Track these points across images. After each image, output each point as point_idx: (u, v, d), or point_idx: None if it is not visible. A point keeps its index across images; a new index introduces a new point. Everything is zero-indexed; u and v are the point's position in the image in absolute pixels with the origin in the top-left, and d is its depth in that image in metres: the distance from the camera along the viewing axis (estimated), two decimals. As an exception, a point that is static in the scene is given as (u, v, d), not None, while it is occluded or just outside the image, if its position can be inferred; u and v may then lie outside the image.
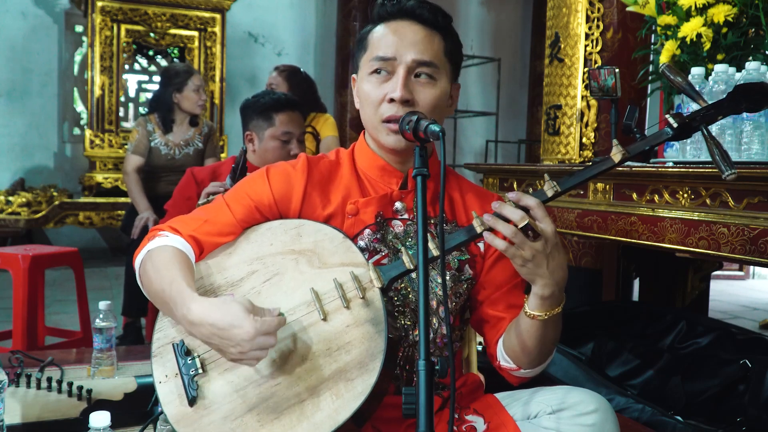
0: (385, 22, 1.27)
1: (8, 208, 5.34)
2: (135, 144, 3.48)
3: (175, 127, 3.50)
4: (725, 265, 5.61)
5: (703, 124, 1.19)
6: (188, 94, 3.44)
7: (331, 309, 1.15)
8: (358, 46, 1.32)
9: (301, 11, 7.12)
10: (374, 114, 1.25)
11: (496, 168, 2.78)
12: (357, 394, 1.08)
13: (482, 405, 1.29)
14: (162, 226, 1.27)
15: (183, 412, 1.13)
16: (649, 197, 1.94)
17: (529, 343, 1.20)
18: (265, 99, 2.35)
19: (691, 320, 2.41)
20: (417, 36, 1.24)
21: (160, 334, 1.21)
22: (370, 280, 1.15)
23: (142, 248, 1.24)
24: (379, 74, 1.24)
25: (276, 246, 1.22)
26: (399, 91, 1.21)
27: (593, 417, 1.15)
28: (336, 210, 1.27)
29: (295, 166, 1.31)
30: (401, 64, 1.23)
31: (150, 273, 1.18)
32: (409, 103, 1.23)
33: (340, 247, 1.20)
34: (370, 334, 1.12)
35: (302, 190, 1.27)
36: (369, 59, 1.26)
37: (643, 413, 1.87)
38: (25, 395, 1.67)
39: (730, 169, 1.15)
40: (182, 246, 1.21)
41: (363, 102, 1.28)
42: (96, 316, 1.93)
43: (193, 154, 3.52)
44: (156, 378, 1.18)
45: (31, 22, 6.15)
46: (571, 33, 2.81)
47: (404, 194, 1.30)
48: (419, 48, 1.23)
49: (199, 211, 1.30)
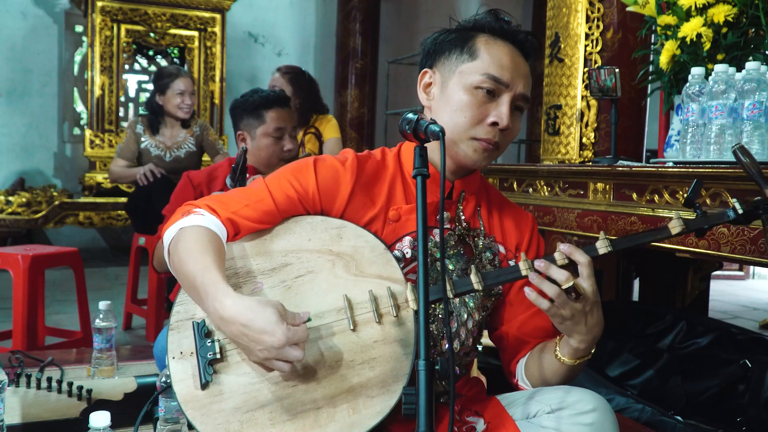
0: (493, 36, 1.25)
1: (8, 208, 5.34)
2: (122, 147, 3.48)
3: (165, 129, 3.48)
4: (725, 265, 5.61)
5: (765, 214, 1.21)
6: (170, 97, 3.41)
7: (361, 321, 1.12)
8: (456, 46, 1.26)
9: (301, 11, 7.12)
10: (466, 128, 1.23)
11: (496, 168, 2.78)
12: (375, 413, 1.06)
13: (482, 406, 1.29)
14: (198, 203, 1.22)
15: (193, 394, 1.10)
16: (649, 197, 1.94)
17: (553, 379, 1.24)
18: (254, 98, 2.35)
19: (691, 320, 2.41)
20: (525, 70, 1.26)
21: (180, 308, 1.17)
22: (406, 300, 1.13)
23: (173, 222, 1.19)
24: (485, 93, 1.22)
25: (314, 243, 1.19)
26: (506, 119, 1.21)
27: (592, 416, 1.15)
28: (378, 213, 1.25)
29: (344, 163, 1.27)
30: (511, 92, 1.23)
31: (182, 254, 1.13)
32: (506, 132, 1.24)
33: (380, 259, 1.17)
34: (398, 355, 1.10)
35: (350, 190, 1.24)
36: (480, 72, 1.22)
37: (643, 413, 1.87)
38: (25, 395, 1.67)
39: None
40: (217, 228, 1.17)
41: (455, 110, 1.23)
42: (96, 316, 1.93)
43: (185, 156, 3.49)
44: (170, 353, 1.14)
45: (31, 22, 6.15)
46: (571, 33, 2.80)
47: (449, 204, 1.29)
48: (526, 82, 1.25)
49: (238, 193, 1.25)
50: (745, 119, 1.80)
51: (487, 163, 1.25)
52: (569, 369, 1.20)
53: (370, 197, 1.26)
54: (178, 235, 1.16)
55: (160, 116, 3.47)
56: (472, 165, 1.25)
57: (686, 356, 2.32)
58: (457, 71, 1.25)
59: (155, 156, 3.44)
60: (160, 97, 3.42)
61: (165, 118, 3.47)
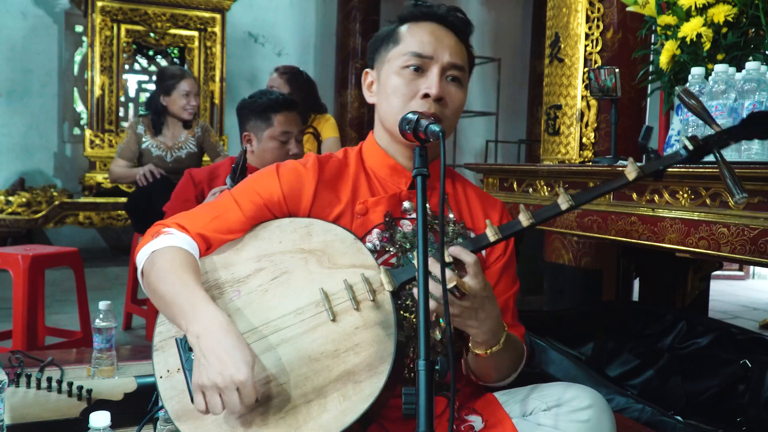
0: (415, 22, 1.29)
1: (8, 208, 5.34)
2: (122, 148, 3.47)
3: (167, 129, 3.48)
4: (725, 265, 5.61)
5: (717, 148, 1.22)
6: (176, 98, 3.41)
7: (340, 310, 1.14)
8: (384, 41, 1.32)
9: (301, 11, 7.12)
10: (402, 108, 1.25)
11: (496, 168, 2.78)
12: (365, 397, 1.07)
13: (480, 404, 1.30)
14: (168, 222, 1.24)
15: (185, 408, 1.11)
16: (649, 197, 1.94)
17: (482, 369, 1.25)
18: (262, 99, 2.34)
19: (691, 320, 2.41)
20: (451, 40, 1.28)
21: (162, 328, 1.19)
22: (380, 283, 1.14)
23: (144, 245, 1.20)
24: (412, 70, 1.25)
25: (285, 244, 1.21)
26: (435, 87, 1.23)
27: (588, 412, 1.15)
28: (345, 209, 1.27)
29: (305, 164, 1.30)
30: (437, 63, 1.25)
31: (156, 275, 1.15)
32: (442, 102, 1.25)
33: (351, 248, 1.19)
34: (380, 337, 1.11)
35: (313, 189, 1.27)
36: (402, 53, 1.26)
37: (643, 413, 1.87)
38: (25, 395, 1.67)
39: (742, 193, 1.18)
40: (189, 246, 1.19)
41: (389, 95, 1.28)
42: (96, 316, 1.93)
43: (186, 157, 3.49)
44: (157, 373, 1.16)
45: (31, 22, 6.15)
46: (571, 33, 2.81)
47: (412, 194, 1.30)
48: (453, 51, 1.27)
49: (206, 207, 1.28)
50: (745, 119, 1.79)
51: None
52: (487, 360, 1.20)
53: (335, 194, 1.29)
54: (151, 257, 1.18)
55: (162, 117, 3.46)
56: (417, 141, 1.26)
57: (686, 356, 2.32)
58: (386, 61, 1.30)
59: (156, 156, 3.43)
60: (165, 98, 3.42)
61: (167, 119, 3.47)
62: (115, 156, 3.49)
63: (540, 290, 3.30)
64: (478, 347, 1.19)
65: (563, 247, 3.03)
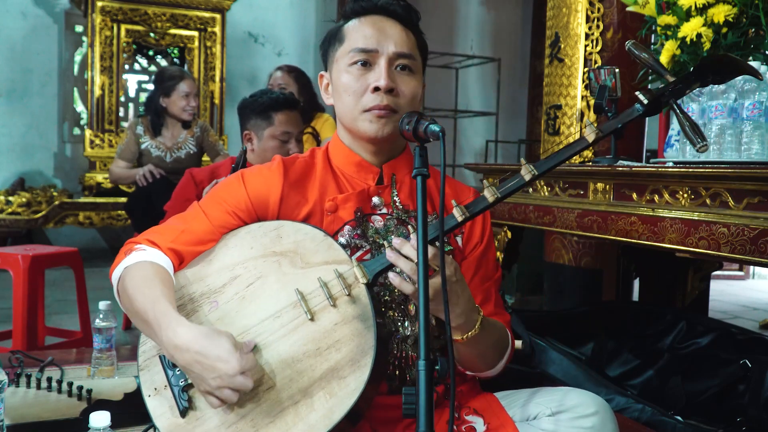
0: (358, 17, 1.29)
1: (8, 208, 5.34)
2: (122, 148, 3.47)
3: (166, 130, 3.48)
4: (725, 265, 5.61)
5: (673, 99, 1.20)
6: (175, 99, 3.41)
7: (317, 308, 1.14)
8: (331, 42, 1.32)
9: (301, 11, 7.12)
10: (355, 105, 1.26)
11: (497, 168, 2.78)
12: (351, 392, 1.07)
13: (482, 405, 1.29)
14: (138, 239, 1.25)
15: (175, 423, 1.13)
16: (649, 197, 1.94)
17: (465, 356, 1.24)
18: (263, 98, 2.34)
19: (691, 320, 2.41)
20: (395, 30, 1.27)
21: (145, 347, 1.20)
22: (354, 277, 1.15)
23: (118, 263, 1.21)
24: (359, 66, 1.25)
25: (257, 249, 1.21)
26: (384, 80, 1.23)
27: (592, 419, 1.15)
28: (314, 208, 1.28)
29: (270, 167, 1.31)
30: (383, 55, 1.25)
31: (130, 291, 1.16)
32: (393, 93, 1.24)
33: (322, 246, 1.19)
34: (359, 331, 1.11)
35: (279, 191, 1.27)
36: (347, 51, 1.27)
37: (643, 413, 1.87)
38: (25, 395, 1.67)
39: (702, 141, 1.17)
40: (161, 260, 1.19)
41: (342, 94, 1.28)
42: (96, 316, 1.93)
43: (186, 158, 3.49)
44: (144, 392, 1.17)
45: (31, 22, 6.15)
46: (571, 33, 2.81)
47: (381, 189, 1.31)
48: (399, 41, 1.26)
49: (175, 221, 1.28)
50: (745, 119, 1.80)
51: (389, 129, 1.25)
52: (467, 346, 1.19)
53: (302, 194, 1.29)
54: (124, 274, 1.19)
55: (162, 118, 3.46)
56: (375, 135, 1.25)
57: (686, 356, 2.32)
58: (335, 60, 1.30)
59: (156, 157, 3.43)
60: (164, 99, 3.42)
61: (167, 120, 3.47)
62: (115, 157, 3.50)
63: (540, 290, 3.30)
64: (455, 332, 1.18)
65: (563, 247, 3.03)
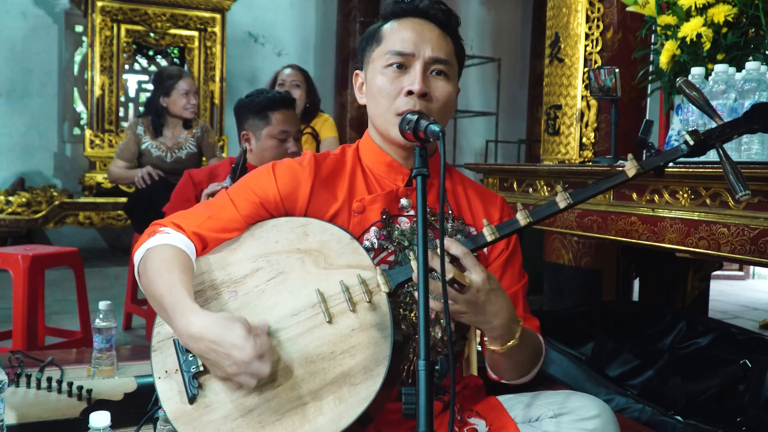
0: (397, 19, 1.28)
1: (8, 208, 5.34)
2: (122, 149, 3.47)
3: (167, 130, 3.47)
4: (725, 265, 5.61)
5: (719, 143, 1.17)
6: (176, 98, 3.40)
7: (336, 312, 1.13)
8: (368, 41, 1.31)
9: (301, 11, 7.12)
10: (389, 107, 1.25)
11: (496, 168, 2.78)
12: (361, 400, 1.07)
13: (484, 407, 1.29)
14: (164, 221, 1.24)
15: (182, 409, 1.12)
16: (649, 197, 1.94)
17: (501, 366, 1.24)
18: (260, 98, 2.34)
19: (691, 320, 2.41)
20: (433, 34, 1.26)
21: (160, 329, 1.19)
22: (377, 284, 1.14)
23: (141, 243, 1.21)
24: (395, 68, 1.24)
25: (281, 244, 1.21)
26: (418, 84, 1.22)
27: (595, 422, 1.15)
28: (341, 207, 1.27)
29: (301, 163, 1.30)
30: (419, 59, 1.24)
31: (150, 274, 1.15)
32: (427, 98, 1.23)
33: (347, 249, 1.18)
34: (376, 339, 1.10)
35: (309, 188, 1.26)
36: (384, 53, 1.26)
37: (643, 413, 1.87)
38: (25, 395, 1.67)
39: (745, 190, 1.14)
40: (184, 245, 1.19)
41: (375, 95, 1.27)
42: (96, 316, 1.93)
43: (186, 158, 3.48)
44: (155, 373, 1.16)
45: (31, 22, 6.15)
46: (571, 33, 2.81)
47: (410, 191, 1.30)
48: (436, 45, 1.25)
49: (202, 206, 1.28)
50: (745, 119, 1.79)
51: None
52: (504, 356, 1.19)
53: (331, 192, 1.28)
54: (146, 255, 1.18)
55: (162, 118, 3.46)
56: (405, 142, 1.25)
57: (686, 356, 2.32)
58: (371, 61, 1.30)
59: (156, 157, 3.43)
60: (165, 99, 3.41)
61: (167, 120, 3.47)
62: (114, 157, 3.49)
63: (540, 290, 3.30)
64: (493, 343, 1.17)
65: (563, 247, 3.03)
